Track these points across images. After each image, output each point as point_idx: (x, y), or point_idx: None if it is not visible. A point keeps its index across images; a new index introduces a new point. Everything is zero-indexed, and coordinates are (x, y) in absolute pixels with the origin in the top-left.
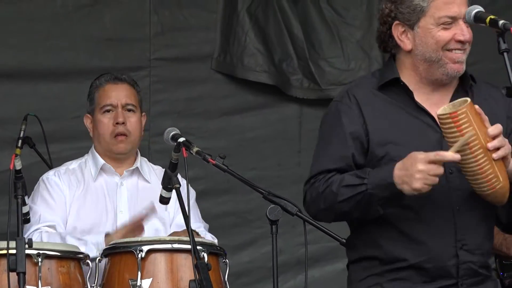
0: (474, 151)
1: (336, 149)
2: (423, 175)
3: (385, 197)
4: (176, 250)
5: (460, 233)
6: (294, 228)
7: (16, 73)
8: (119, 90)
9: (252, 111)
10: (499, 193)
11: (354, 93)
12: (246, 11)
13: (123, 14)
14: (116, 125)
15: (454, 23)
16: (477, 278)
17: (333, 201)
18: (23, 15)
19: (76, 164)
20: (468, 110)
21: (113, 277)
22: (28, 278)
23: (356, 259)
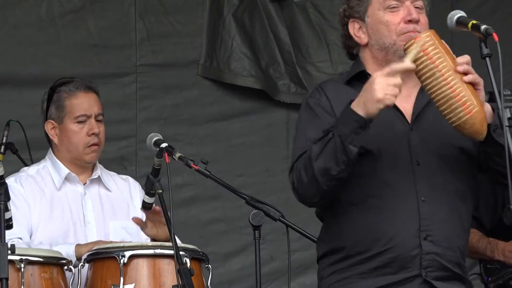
0: (444, 72)
1: (309, 133)
2: (382, 85)
3: (352, 131)
4: (159, 256)
5: (424, 223)
6: (285, 235)
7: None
8: (91, 100)
9: (239, 117)
10: (476, 118)
11: (323, 88)
12: (232, 16)
13: (109, 20)
14: (91, 136)
15: (401, 6)
16: (444, 272)
17: (310, 165)
18: (8, 22)
19: (34, 171)
20: (432, 34)
21: (96, 282)
22: (10, 283)
23: (322, 255)
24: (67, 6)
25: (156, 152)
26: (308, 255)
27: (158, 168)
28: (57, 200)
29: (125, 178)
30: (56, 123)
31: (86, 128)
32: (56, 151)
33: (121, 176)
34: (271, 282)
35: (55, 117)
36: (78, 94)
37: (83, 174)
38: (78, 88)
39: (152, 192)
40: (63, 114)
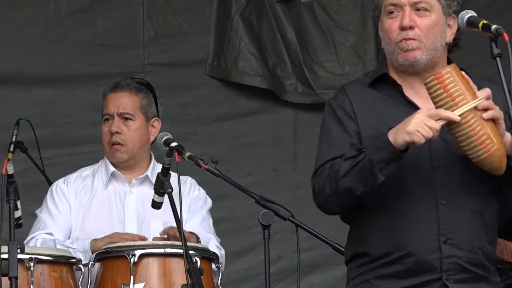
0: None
1: (336, 139)
2: (419, 121)
3: (383, 160)
4: (169, 255)
5: (443, 227)
6: (293, 235)
7: (8, 78)
8: (116, 99)
9: (247, 116)
10: (495, 156)
11: (346, 90)
12: (240, 15)
13: (116, 20)
14: (111, 135)
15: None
16: (466, 274)
17: (336, 180)
18: (15, 20)
19: (90, 171)
20: (453, 70)
21: (106, 281)
22: (20, 282)
23: (349, 258)
24: (75, 5)
25: (166, 151)
26: (316, 255)
27: (168, 167)
28: (101, 198)
29: (185, 179)
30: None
31: (107, 127)
32: None
33: (182, 177)
34: (279, 281)
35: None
36: (108, 95)
37: (131, 174)
38: (109, 88)
39: (162, 192)
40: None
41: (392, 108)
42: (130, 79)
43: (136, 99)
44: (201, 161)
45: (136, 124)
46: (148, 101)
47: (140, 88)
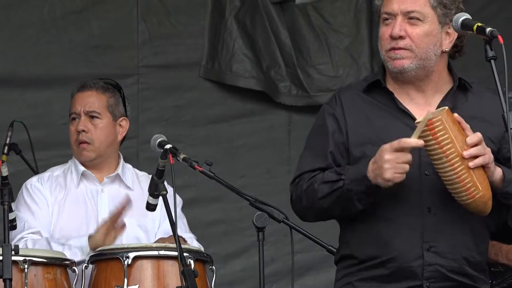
0: (450, 159)
1: (318, 149)
2: (391, 164)
3: (362, 192)
4: (163, 257)
5: (427, 234)
6: (287, 237)
7: (3, 79)
8: (83, 98)
9: (241, 118)
10: (479, 202)
11: (340, 95)
12: (234, 17)
13: (111, 21)
14: (78, 133)
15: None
16: (448, 282)
17: (314, 198)
18: (10, 22)
19: (60, 171)
20: (444, 118)
21: (100, 283)
22: (14, 284)
23: (338, 259)
24: (70, 7)
25: (160, 154)
26: (309, 257)
27: (163, 169)
28: (74, 197)
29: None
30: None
31: (74, 126)
32: None
33: (142, 173)
34: (272, 283)
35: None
36: (76, 94)
37: (102, 173)
38: (77, 88)
39: (156, 194)
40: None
41: (386, 115)
42: (98, 79)
43: (103, 98)
44: (195, 163)
45: (103, 123)
46: (115, 100)
47: (107, 88)
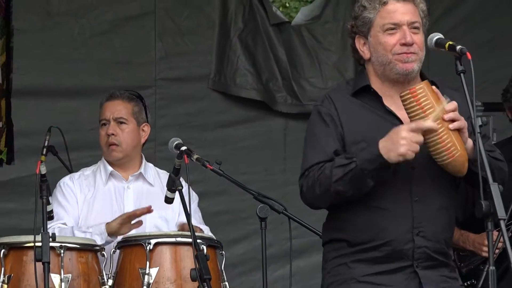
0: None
1: (322, 144)
2: (407, 141)
3: (374, 169)
4: (180, 243)
5: (417, 221)
6: (282, 225)
7: (40, 91)
8: (113, 106)
9: (243, 124)
10: (458, 161)
11: (332, 97)
12: (238, 38)
13: (132, 41)
14: (108, 137)
15: (398, 29)
16: (432, 262)
17: (328, 183)
18: (45, 42)
19: (90, 171)
20: (425, 86)
21: (126, 266)
22: (52, 267)
23: (327, 241)
24: (97, 29)
25: (177, 154)
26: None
27: (179, 168)
28: (102, 194)
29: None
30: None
31: (104, 131)
32: None
33: (162, 171)
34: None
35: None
36: (104, 104)
37: (127, 171)
38: (105, 98)
39: (173, 189)
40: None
41: (374, 115)
42: (124, 90)
43: (129, 106)
44: (207, 163)
45: (129, 128)
46: (139, 108)
47: (132, 97)
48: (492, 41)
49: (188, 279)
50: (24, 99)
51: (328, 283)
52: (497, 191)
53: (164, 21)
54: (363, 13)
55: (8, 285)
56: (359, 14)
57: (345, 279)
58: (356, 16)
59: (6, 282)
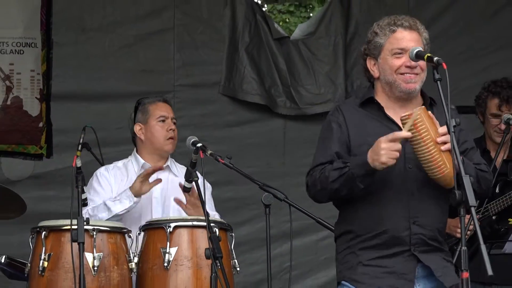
0: (427, 143)
1: (327, 148)
2: (386, 151)
3: (363, 174)
4: (196, 226)
5: (412, 212)
6: (281, 210)
7: (75, 95)
8: (167, 107)
9: (249, 124)
10: (447, 176)
11: (341, 108)
12: (245, 50)
13: (154, 52)
14: (169, 131)
15: (404, 54)
16: (427, 247)
17: (326, 182)
18: (80, 53)
19: (122, 163)
20: (422, 112)
21: (149, 246)
22: (86, 246)
23: (339, 234)
24: (124, 42)
25: (193, 150)
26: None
27: (195, 162)
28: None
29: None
30: (142, 125)
31: (166, 125)
32: (140, 147)
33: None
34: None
35: (141, 120)
36: (158, 103)
37: (157, 164)
38: (158, 99)
39: (190, 180)
40: (147, 116)
41: (376, 123)
42: (161, 96)
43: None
44: (219, 157)
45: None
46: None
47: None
48: (464, 53)
49: (203, 257)
50: (61, 102)
51: (340, 270)
52: (469, 182)
53: (182, 35)
54: (375, 38)
55: (48, 262)
56: (372, 39)
57: (353, 264)
58: (369, 41)
59: (47, 260)
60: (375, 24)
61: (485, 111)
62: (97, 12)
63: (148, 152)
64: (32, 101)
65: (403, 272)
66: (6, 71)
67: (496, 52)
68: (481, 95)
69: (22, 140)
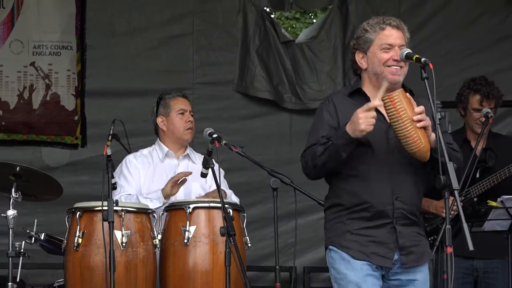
0: (404, 121)
1: (318, 131)
2: (363, 119)
3: (343, 144)
4: (212, 207)
5: (395, 189)
6: (287, 193)
7: (106, 92)
8: (186, 101)
9: (259, 117)
10: (422, 151)
11: (332, 98)
12: (256, 52)
13: (175, 54)
14: (187, 122)
15: (391, 49)
16: (407, 220)
17: (315, 158)
18: (110, 55)
19: (147, 151)
20: (400, 93)
21: (171, 224)
22: (115, 225)
23: (328, 207)
24: (148, 44)
25: (210, 140)
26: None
27: (211, 150)
28: (159, 168)
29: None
30: (164, 117)
31: (185, 117)
32: (162, 137)
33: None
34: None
35: (163, 113)
36: (178, 98)
37: (178, 152)
38: (178, 95)
39: (207, 166)
40: (169, 110)
41: None
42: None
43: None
44: (233, 146)
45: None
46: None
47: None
48: (447, 54)
49: (218, 234)
50: (94, 98)
51: (329, 236)
52: (452, 168)
53: (199, 39)
54: (365, 34)
55: (82, 239)
56: (362, 35)
57: (342, 232)
58: (359, 37)
59: (81, 237)
60: (364, 22)
61: (467, 106)
62: (125, 18)
63: (170, 141)
64: (68, 97)
65: (386, 242)
66: (46, 71)
67: (475, 54)
68: (463, 92)
69: (60, 131)
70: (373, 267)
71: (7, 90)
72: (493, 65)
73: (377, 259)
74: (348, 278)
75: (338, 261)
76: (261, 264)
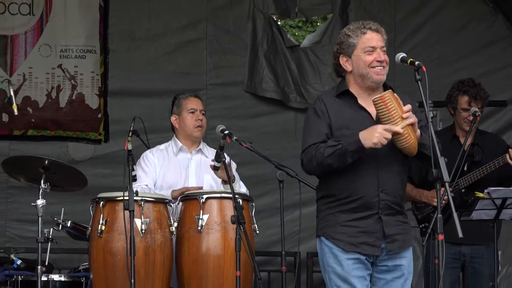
0: (395, 118)
1: (316, 130)
2: (379, 136)
3: (354, 150)
4: (223, 197)
5: (381, 182)
6: (292, 185)
7: (127, 92)
8: (197, 101)
9: (267, 115)
10: (412, 146)
11: (322, 98)
12: (264, 56)
13: (190, 58)
14: (197, 121)
15: (374, 51)
16: (391, 211)
17: (322, 158)
18: (131, 58)
19: (163, 147)
20: (390, 94)
21: (186, 213)
22: (135, 213)
23: (320, 197)
24: (166, 49)
25: (222, 136)
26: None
27: (223, 146)
28: (174, 162)
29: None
30: (177, 116)
31: (195, 116)
32: (177, 133)
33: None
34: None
35: (176, 112)
36: (190, 98)
37: (192, 147)
38: (190, 95)
39: (219, 160)
40: (181, 109)
41: (351, 111)
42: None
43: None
44: (243, 142)
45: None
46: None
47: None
48: (439, 58)
49: (229, 222)
50: (116, 98)
51: (321, 226)
52: (443, 162)
53: (213, 44)
54: (348, 39)
55: (105, 226)
56: (344, 40)
57: (333, 224)
58: (342, 42)
59: (104, 224)
60: (345, 28)
61: (456, 106)
62: (144, 25)
63: (183, 138)
64: (92, 97)
65: (374, 231)
66: (72, 72)
67: (463, 58)
68: (452, 93)
69: (85, 128)
70: (362, 259)
71: (36, 90)
72: (481, 68)
73: (366, 248)
74: (336, 271)
75: (328, 255)
76: (268, 250)
